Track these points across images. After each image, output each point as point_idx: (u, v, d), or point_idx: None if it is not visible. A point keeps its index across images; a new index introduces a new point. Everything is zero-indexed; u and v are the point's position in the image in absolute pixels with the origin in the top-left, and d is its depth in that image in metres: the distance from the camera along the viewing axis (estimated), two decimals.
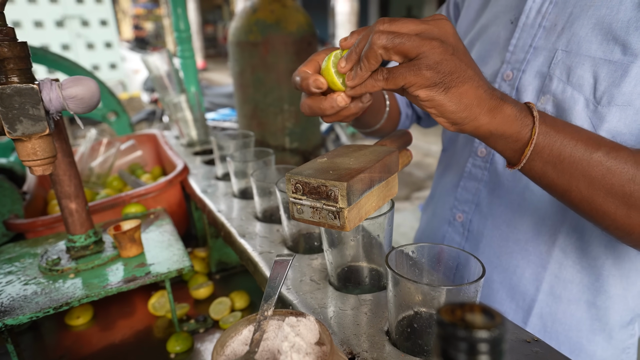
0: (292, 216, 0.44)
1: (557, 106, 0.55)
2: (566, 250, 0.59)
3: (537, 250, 0.61)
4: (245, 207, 0.79)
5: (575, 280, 0.59)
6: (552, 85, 0.55)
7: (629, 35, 0.49)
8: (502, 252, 0.64)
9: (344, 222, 0.40)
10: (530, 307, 0.62)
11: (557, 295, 0.60)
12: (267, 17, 1.30)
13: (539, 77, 0.57)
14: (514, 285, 0.63)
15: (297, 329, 0.35)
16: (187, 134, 1.22)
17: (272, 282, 0.41)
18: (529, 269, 0.62)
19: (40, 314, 0.56)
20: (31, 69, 0.52)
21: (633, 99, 0.49)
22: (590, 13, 0.52)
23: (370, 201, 0.44)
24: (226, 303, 0.77)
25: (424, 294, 0.40)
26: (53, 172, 0.64)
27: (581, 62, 0.52)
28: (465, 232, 0.69)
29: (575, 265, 0.59)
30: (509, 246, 0.63)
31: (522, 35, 0.59)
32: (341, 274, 0.52)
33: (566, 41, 0.54)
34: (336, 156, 0.46)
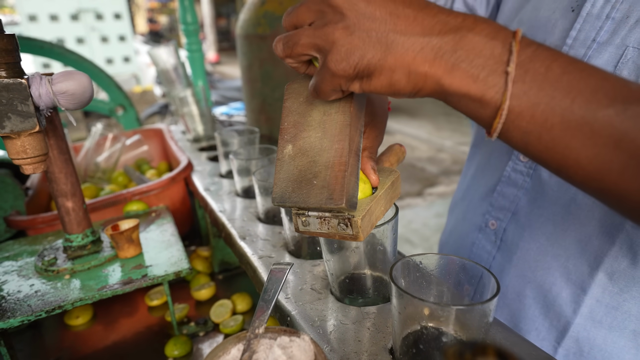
0: (296, 229, 0.39)
1: None
2: (613, 277, 0.52)
3: (578, 270, 0.54)
4: (248, 207, 0.76)
5: (621, 307, 0.52)
6: None
7: None
8: (539, 267, 0.58)
9: (358, 232, 0.37)
10: (566, 329, 0.56)
11: (597, 321, 0.54)
12: (275, 9, 1.27)
13: None
14: (549, 304, 0.57)
15: (289, 351, 0.32)
16: (193, 129, 1.20)
17: (265, 295, 0.38)
18: (568, 288, 0.55)
19: (32, 317, 0.54)
20: (20, 63, 0.49)
21: None
22: None
23: (379, 206, 0.41)
24: (227, 306, 0.75)
25: (431, 312, 0.36)
26: (49, 169, 0.62)
27: None
28: (498, 241, 0.63)
29: (622, 293, 0.52)
30: (546, 261, 0.57)
31: (585, 26, 0.50)
32: (343, 284, 0.49)
33: (638, 37, 0.46)
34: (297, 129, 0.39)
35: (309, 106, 0.39)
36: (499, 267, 0.63)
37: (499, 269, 0.63)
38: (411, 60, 0.30)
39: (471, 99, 0.30)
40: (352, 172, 0.36)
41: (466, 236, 0.70)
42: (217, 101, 4.44)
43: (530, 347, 0.40)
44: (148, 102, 4.88)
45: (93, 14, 4.79)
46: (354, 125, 0.37)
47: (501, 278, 0.62)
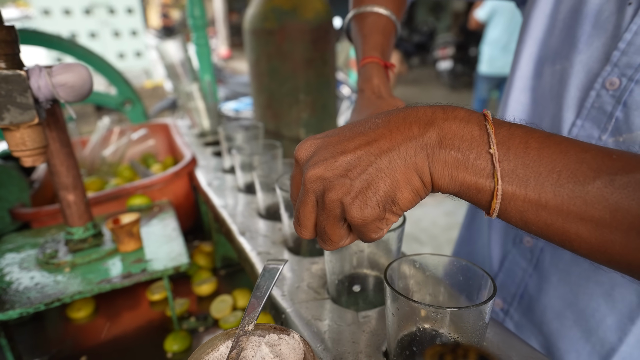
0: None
1: None
2: None
3: (624, 299, 0.50)
4: (250, 203, 0.76)
5: None
6: None
7: None
8: (580, 292, 0.53)
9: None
10: (609, 355, 0.52)
11: None
12: (283, 4, 1.26)
13: None
14: (592, 329, 0.53)
15: (277, 349, 0.31)
16: (199, 124, 1.20)
17: (257, 291, 0.37)
18: (613, 316, 0.51)
19: (31, 309, 0.54)
20: (19, 54, 0.49)
21: None
22: None
23: None
24: (228, 301, 0.75)
25: (425, 314, 0.35)
26: (50, 162, 0.62)
27: None
28: (534, 260, 0.58)
29: None
30: (589, 287, 0.52)
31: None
32: (341, 286, 0.48)
33: None
34: None
35: None
36: (536, 286, 0.59)
37: (537, 288, 0.59)
38: (412, 171, 0.30)
39: (470, 187, 0.30)
40: None
41: (496, 246, 0.65)
42: (227, 96, 4.45)
43: (529, 350, 0.39)
44: (159, 97, 4.91)
45: (105, 8, 4.82)
46: None
47: (539, 297, 0.58)
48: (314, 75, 1.13)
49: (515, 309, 0.62)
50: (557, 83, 0.51)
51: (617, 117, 0.44)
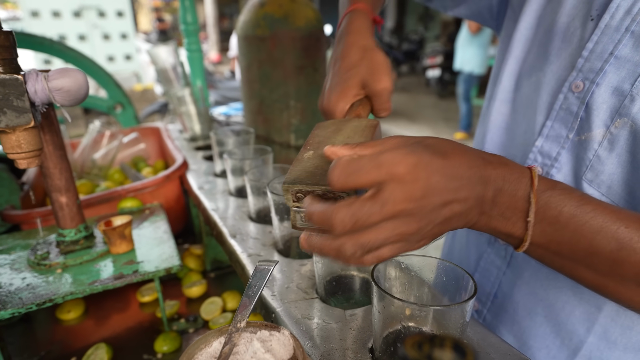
0: (293, 225, 0.40)
1: (635, 133, 0.45)
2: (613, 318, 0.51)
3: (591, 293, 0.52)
4: (241, 206, 0.77)
5: (636, 327, 0.51)
6: (634, 108, 0.44)
7: None
8: (551, 286, 0.56)
9: None
10: (578, 348, 0.54)
11: (612, 341, 0.53)
12: (275, 12, 1.28)
13: (616, 94, 0.46)
14: (561, 323, 0.56)
15: (268, 344, 0.32)
16: (190, 128, 1.21)
17: (249, 290, 0.38)
18: (581, 307, 0.54)
19: (22, 309, 0.55)
20: (17, 59, 0.50)
21: None
22: None
23: None
24: (218, 303, 0.76)
25: (410, 312, 0.37)
26: (43, 165, 0.62)
27: None
28: (508, 257, 0.61)
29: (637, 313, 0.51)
30: (559, 280, 0.55)
31: (603, 38, 0.47)
32: (329, 285, 0.50)
33: None
34: (320, 143, 0.42)
35: (335, 134, 0.43)
36: (509, 283, 0.61)
37: (510, 285, 0.61)
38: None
39: (503, 233, 0.38)
40: None
41: (473, 247, 0.68)
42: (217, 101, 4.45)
43: (506, 347, 0.41)
44: (149, 100, 4.89)
45: (95, 11, 4.80)
46: None
47: (512, 294, 0.61)
48: (304, 82, 1.15)
49: (488, 310, 0.64)
50: (532, 92, 0.56)
51: (581, 117, 0.50)
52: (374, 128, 0.43)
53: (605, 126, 0.47)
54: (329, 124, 0.46)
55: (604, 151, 0.47)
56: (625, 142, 0.46)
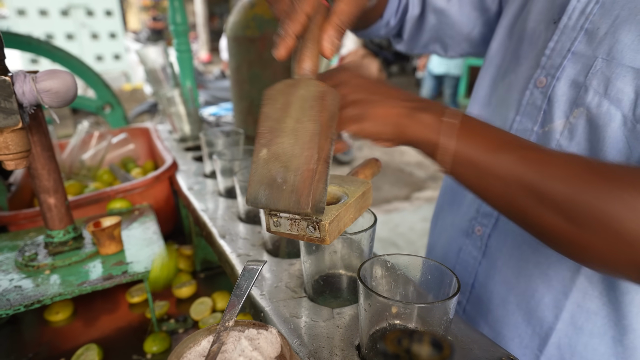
0: (267, 229, 0.41)
1: (590, 121, 0.49)
2: (592, 280, 0.53)
3: (559, 275, 0.55)
4: (230, 207, 0.78)
5: (601, 313, 0.53)
6: (587, 98, 0.49)
7: None
8: (521, 274, 0.59)
9: (325, 235, 0.39)
10: (548, 335, 0.57)
11: (578, 327, 0.55)
12: (265, 13, 1.28)
13: (574, 87, 0.51)
14: (532, 310, 0.58)
15: (256, 342, 0.33)
16: (180, 129, 1.21)
17: (237, 290, 0.39)
18: (549, 294, 0.56)
19: (10, 311, 0.55)
20: (4, 60, 0.50)
21: None
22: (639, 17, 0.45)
23: (348, 213, 0.42)
24: (207, 303, 0.76)
25: (396, 310, 0.38)
26: (31, 166, 0.62)
27: (622, 74, 0.46)
28: (483, 247, 0.64)
29: (601, 297, 0.53)
30: (528, 268, 0.58)
31: (562, 38, 0.52)
32: (317, 285, 0.50)
33: (608, 48, 0.48)
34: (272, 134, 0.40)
35: (284, 113, 0.41)
36: (485, 273, 0.63)
37: (485, 275, 0.63)
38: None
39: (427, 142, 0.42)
40: (319, 179, 0.38)
41: (454, 241, 0.70)
42: (207, 101, 4.44)
43: (489, 343, 0.43)
44: (138, 100, 4.86)
45: (84, 10, 4.75)
46: (323, 134, 0.39)
47: (487, 284, 0.63)
48: None
49: (468, 301, 0.67)
50: (505, 92, 0.61)
51: (545, 110, 0.54)
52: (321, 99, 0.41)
53: (565, 117, 0.52)
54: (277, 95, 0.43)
55: (565, 140, 0.52)
56: (583, 131, 0.50)
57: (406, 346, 0.19)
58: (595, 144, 0.49)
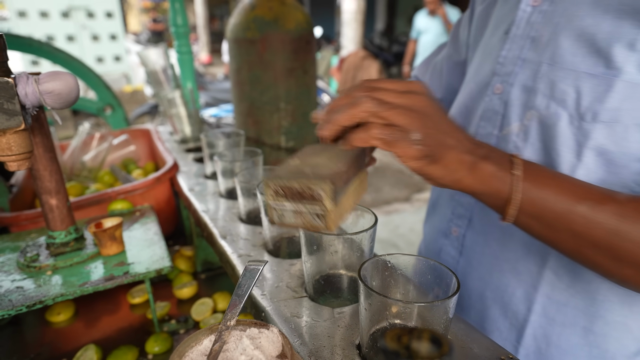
0: (271, 221, 0.42)
1: (541, 122, 0.53)
2: (558, 272, 0.56)
3: (527, 270, 0.58)
4: (231, 208, 0.78)
5: (570, 303, 0.56)
6: (537, 100, 0.53)
7: (611, 47, 0.46)
8: (494, 270, 0.62)
9: (329, 223, 0.39)
10: (523, 327, 0.59)
11: (550, 318, 0.57)
12: (265, 14, 1.29)
13: (525, 91, 0.55)
14: (506, 304, 0.61)
15: (257, 341, 0.33)
16: (180, 130, 1.21)
17: (239, 290, 0.39)
18: (520, 288, 0.59)
19: (12, 311, 0.55)
20: (7, 62, 0.51)
21: (620, 115, 0.47)
22: (575, 24, 0.49)
23: (348, 200, 0.44)
24: (209, 304, 0.76)
25: (396, 309, 0.38)
26: (33, 167, 0.63)
27: (564, 76, 0.50)
28: (460, 247, 0.67)
29: (568, 289, 0.55)
30: (500, 264, 0.61)
31: (512, 46, 0.57)
32: (318, 284, 0.51)
33: (551, 53, 0.52)
34: (307, 156, 0.44)
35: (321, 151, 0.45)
36: (463, 271, 0.67)
37: (463, 273, 0.67)
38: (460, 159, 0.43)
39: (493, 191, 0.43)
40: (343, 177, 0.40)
41: (435, 243, 0.73)
42: (207, 103, 4.44)
43: (489, 342, 0.43)
44: (138, 101, 4.86)
45: (84, 11, 4.76)
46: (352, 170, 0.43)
47: (465, 282, 0.66)
48: (294, 84, 1.16)
49: None
50: (471, 101, 0.65)
51: (503, 114, 0.58)
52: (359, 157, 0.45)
53: (519, 119, 0.56)
54: (318, 145, 0.48)
55: (521, 142, 0.56)
56: (535, 132, 0.54)
57: (405, 343, 0.20)
58: (548, 142, 0.53)
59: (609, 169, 0.49)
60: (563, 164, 0.52)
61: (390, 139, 0.39)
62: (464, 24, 0.76)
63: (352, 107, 0.39)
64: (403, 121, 0.39)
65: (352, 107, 0.39)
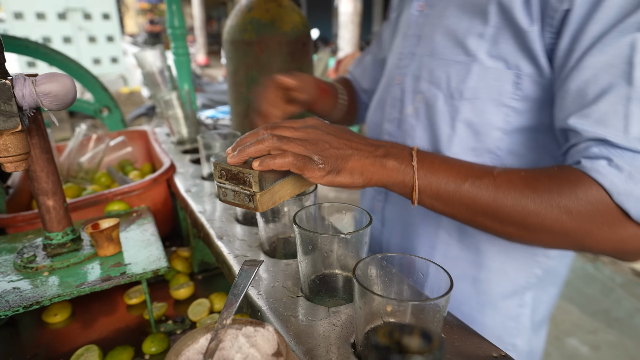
0: (218, 198, 0.51)
1: (426, 103, 0.66)
2: (450, 231, 0.67)
3: (426, 232, 0.70)
4: (228, 209, 0.78)
5: (460, 257, 0.67)
6: (422, 86, 0.66)
7: (467, 39, 0.59)
8: (405, 235, 0.74)
9: (257, 204, 0.47)
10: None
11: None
12: (262, 16, 1.29)
13: (414, 79, 0.68)
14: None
15: (253, 340, 0.34)
16: (177, 132, 1.22)
17: (235, 289, 0.40)
18: (422, 249, 0.71)
19: (9, 312, 0.55)
20: (4, 64, 0.51)
21: (478, 93, 0.59)
22: (443, 22, 0.63)
23: (284, 188, 0.50)
24: (205, 304, 0.76)
25: (391, 308, 0.39)
26: (30, 168, 0.63)
27: (438, 64, 0.63)
28: (382, 219, 0.78)
29: (458, 244, 0.67)
30: (407, 230, 0.73)
31: (406, 44, 0.70)
32: (313, 284, 0.51)
33: (430, 47, 0.65)
34: None
35: None
36: (386, 240, 0.79)
37: (387, 242, 0.78)
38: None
39: (398, 182, 0.50)
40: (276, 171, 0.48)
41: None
42: (204, 104, 4.44)
43: (482, 340, 0.43)
44: (135, 103, 4.86)
45: (81, 13, 4.75)
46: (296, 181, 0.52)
47: (389, 248, 0.79)
48: None
49: None
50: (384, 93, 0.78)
51: (401, 100, 0.71)
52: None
53: (412, 103, 0.68)
54: None
55: (414, 121, 0.68)
56: (423, 111, 0.66)
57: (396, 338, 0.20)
58: (431, 119, 0.65)
59: (476, 137, 0.61)
60: (442, 136, 0.63)
61: (301, 164, 0.46)
62: (385, 28, 0.89)
63: (259, 143, 0.47)
64: (300, 150, 0.46)
65: (259, 143, 0.47)
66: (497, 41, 0.57)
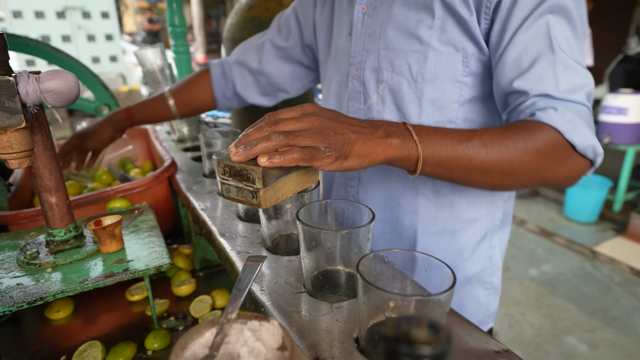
0: (221, 194, 0.52)
1: (391, 90, 0.73)
2: (427, 195, 0.76)
3: (407, 201, 0.77)
4: (229, 206, 0.79)
5: (439, 216, 0.76)
6: (384, 76, 0.73)
7: (419, 31, 0.68)
8: (386, 209, 0.80)
9: (260, 201, 0.48)
10: (414, 246, 0.79)
11: (430, 231, 0.77)
12: (262, 15, 1.29)
13: (374, 71, 0.75)
14: (399, 232, 0.80)
15: (258, 334, 0.34)
16: (178, 130, 1.22)
17: (239, 284, 0.40)
18: (406, 218, 0.78)
19: (13, 308, 0.56)
20: (8, 61, 0.51)
21: (437, 74, 0.68)
22: (393, 19, 0.71)
23: (287, 185, 0.51)
24: (207, 301, 0.77)
25: (394, 303, 0.39)
26: (33, 165, 0.63)
27: (397, 55, 0.71)
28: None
29: (435, 205, 0.76)
30: (387, 203, 0.79)
31: (357, 43, 0.77)
32: (316, 280, 0.51)
33: (384, 42, 0.72)
34: None
35: None
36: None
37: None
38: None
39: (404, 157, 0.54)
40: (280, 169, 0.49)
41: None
42: None
43: (484, 336, 0.44)
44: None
45: (80, 11, 4.74)
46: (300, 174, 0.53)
47: (375, 227, 0.82)
48: None
49: None
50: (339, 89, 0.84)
51: (363, 92, 0.78)
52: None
53: (376, 92, 0.76)
54: None
55: (380, 107, 0.75)
56: (389, 97, 0.74)
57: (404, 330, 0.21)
58: (398, 103, 0.73)
59: (440, 112, 0.70)
60: (412, 115, 0.72)
61: (308, 157, 0.47)
62: (290, 18, 0.96)
63: (265, 141, 0.47)
64: (308, 142, 0.48)
65: (266, 141, 0.47)
66: (444, 29, 0.67)
